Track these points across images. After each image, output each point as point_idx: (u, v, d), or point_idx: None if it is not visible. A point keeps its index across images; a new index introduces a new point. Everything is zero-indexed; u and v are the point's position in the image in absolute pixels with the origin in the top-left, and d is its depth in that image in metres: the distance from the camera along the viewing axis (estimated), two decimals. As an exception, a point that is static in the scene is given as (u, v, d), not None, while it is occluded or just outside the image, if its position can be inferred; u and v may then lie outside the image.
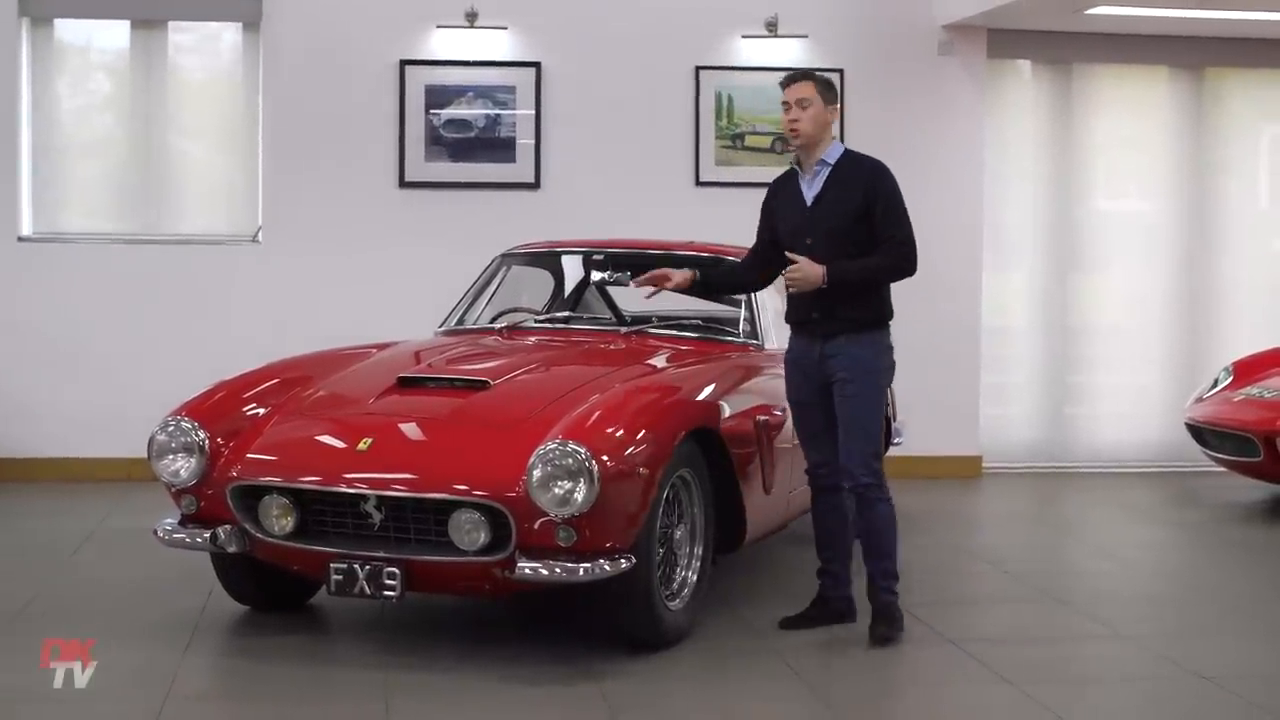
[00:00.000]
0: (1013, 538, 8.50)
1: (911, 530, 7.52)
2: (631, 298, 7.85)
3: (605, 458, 5.32)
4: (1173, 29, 10.46)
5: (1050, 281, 10.79)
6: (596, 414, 5.56)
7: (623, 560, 5.41)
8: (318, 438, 5.87)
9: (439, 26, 9.83)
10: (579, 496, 5.28)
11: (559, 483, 5.29)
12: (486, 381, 6.01)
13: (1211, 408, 9.45)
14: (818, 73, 6.14)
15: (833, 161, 6.04)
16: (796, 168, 6.13)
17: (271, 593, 6.29)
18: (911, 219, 6.00)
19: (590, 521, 5.32)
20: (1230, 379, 9.68)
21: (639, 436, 5.52)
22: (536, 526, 5.35)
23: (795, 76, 6.09)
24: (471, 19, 9.80)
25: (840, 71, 10.09)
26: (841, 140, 9.90)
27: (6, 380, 9.65)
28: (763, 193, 9.83)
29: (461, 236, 9.82)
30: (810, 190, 6.03)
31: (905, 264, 5.94)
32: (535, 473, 5.31)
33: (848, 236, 5.91)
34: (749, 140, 10.13)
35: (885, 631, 5.93)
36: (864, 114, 10.04)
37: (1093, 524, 8.94)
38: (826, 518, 6.21)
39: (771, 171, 9.99)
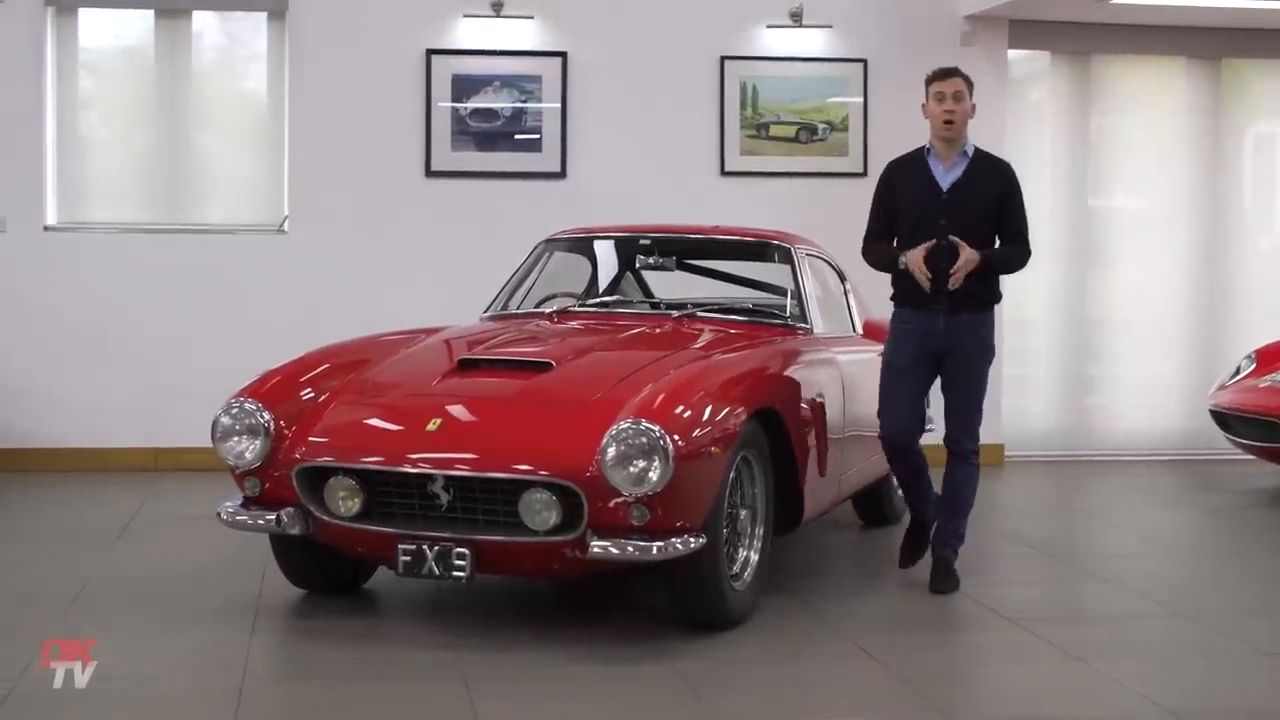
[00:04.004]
0: (1047, 523, 8.53)
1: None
2: (670, 283, 7.89)
3: (677, 437, 5.32)
4: (1191, 20, 10.52)
5: (1070, 273, 10.84)
6: (666, 393, 5.57)
7: (694, 539, 5.42)
8: (384, 419, 5.87)
9: (465, 16, 9.84)
10: (654, 475, 5.28)
11: (634, 461, 5.30)
12: (549, 363, 6.01)
13: (1236, 395, 9.50)
14: (964, 72, 6.55)
15: (971, 154, 6.49)
16: (927, 154, 6.50)
17: (329, 576, 6.28)
18: None
19: (663, 500, 5.33)
20: (1254, 366, 9.73)
21: (710, 416, 5.53)
22: (610, 506, 5.36)
23: (950, 72, 6.51)
24: (497, 8, 9.80)
25: (864, 62, 10.21)
26: (865, 129, 10.19)
27: (32, 370, 9.62)
28: (787, 183, 10.14)
29: (487, 226, 9.85)
30: (948, 176, 6.45)
31: (1026, 258, 6.57)
32: (610, 451, 5.31)
33: (980, 223, 6.40)
34: (774, 130, 10.16)
35: (942, 585, 6.45)
36: (887, 104, 10.09)
37: (1122, 509, 8.99)
38: (912, 469, 6.63)
39: (797, 161, 10.19)
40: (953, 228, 6.34)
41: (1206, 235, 11.02)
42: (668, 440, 5.29)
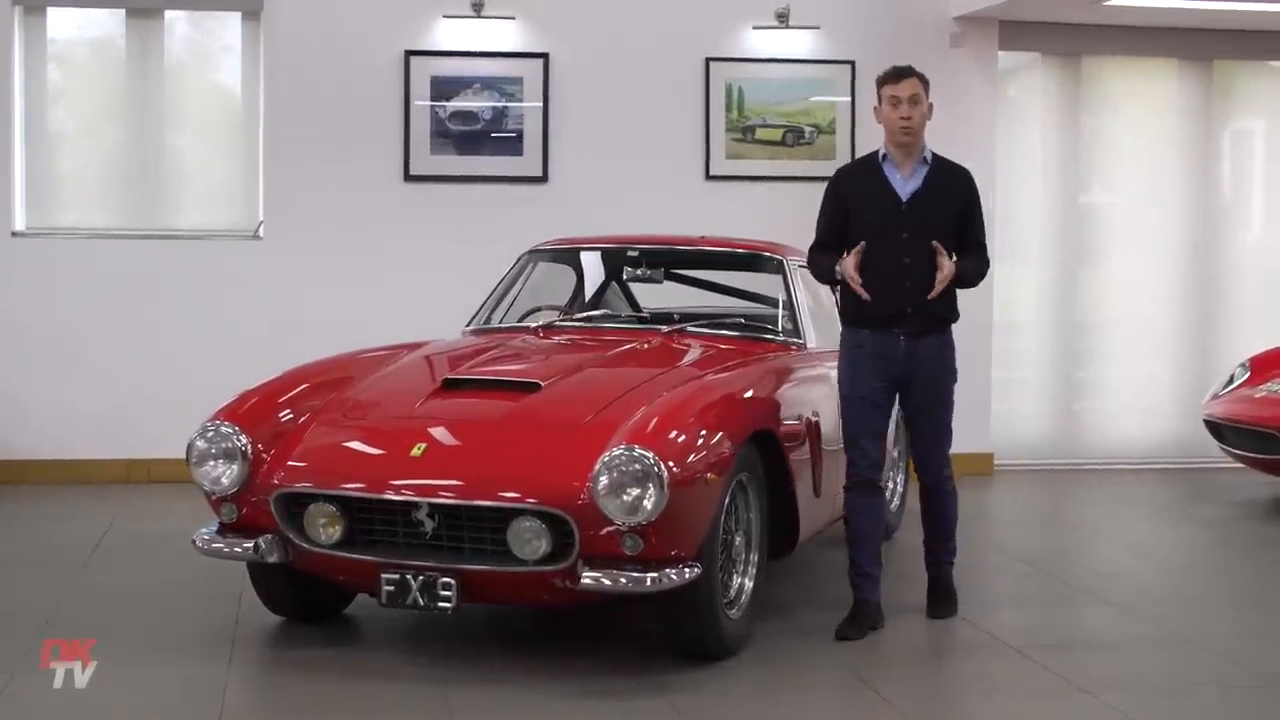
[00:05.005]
0: (1042, 538, 8.35)
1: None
2: (657, 293, 7.69)
3: (672, 463, 5.13)
4: (1182, 21, 10.37)
5: (1060, 275, 10.67)
6: (659, 417, 5.37)
7: (689, 569, 5.23)
8: (365, 443, 5.67)
9: (445, 16, 9.60)
10: (649, 504, 5.09)
11: (627, 490, 5.10)
12: (537, 383, 5.80)
13: (1232, 405, 9.34)
14: (918, 70, 6.12)
15: (930, 161, 6.06)
16: (882, 161, 6.06)
17: (308, 603, 6.07)
18: None
19: (657, 529, 5.14)
20: (1248, 375, 9.57)
21: (705, 440, 5.35)
22: (602, 535, 5.17)
23: (903, 72, 6.05)
24: (478, 9, 9.57)
25: (852, 63, 10.01)
26: (852, 132, 9.99)
27: (0, 380, 9.36)
28: (773, 187, 9.91)
29: (468, 231, 9.65)
30: (907, 185, 6.00)
31: (986, 270, 6.16)
32: (602, 479, 5.12)
33: (943, 235, 5.92)
34: (760, 133, 9.96)
35: (942, 610, 6.24)
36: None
37: (1117, 522, 8.81)
38: (868, 519, 6.10)
39: (783, 165, 9.99)
40: (915, 241, 5.90)
41: (1197, 236, 10.87)
42: (662, 467, 5.10)
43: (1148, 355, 10.88)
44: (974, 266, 6.02)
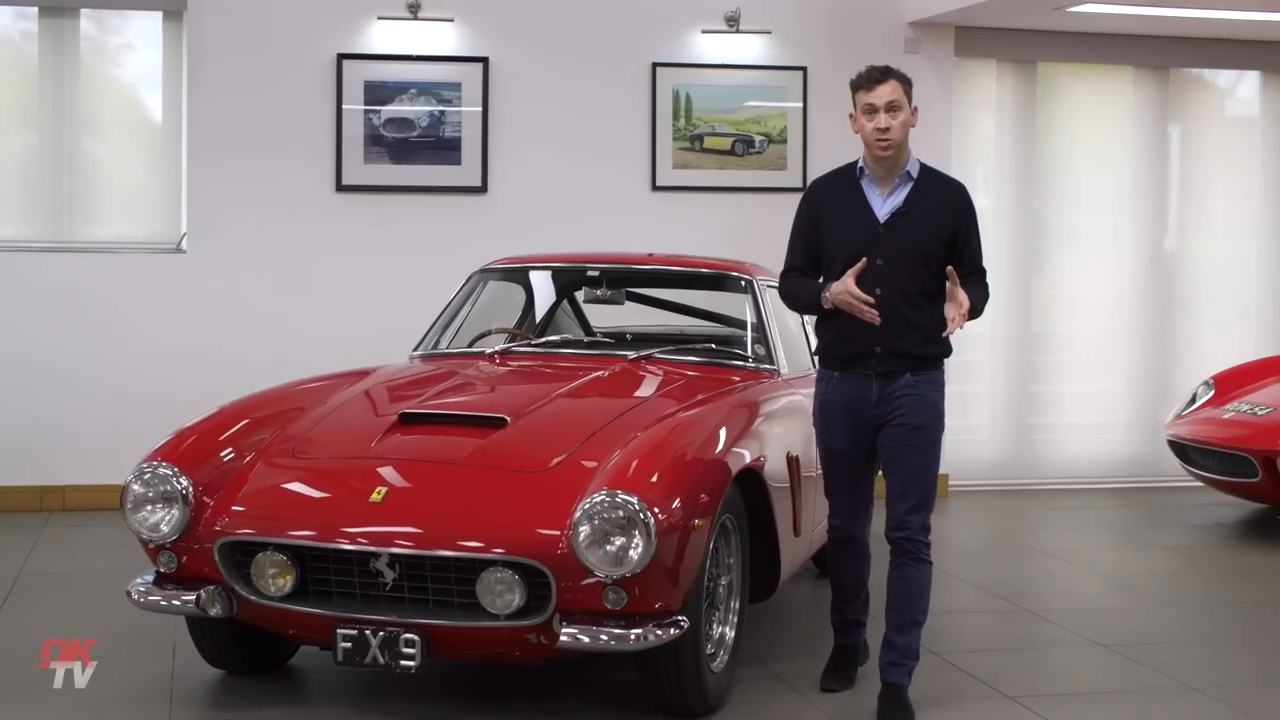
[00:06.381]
0: (1014, 569, 7.95)
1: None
2: (606, 315, 7.26)
3: (658, 509, 4.71)
4: (1139, 28, 10.12)
5: (1014, 285, 10.33)
6: (640, 459, 4.95)
7: (674, 626, 4.81)
8: (318, 486, 5.20)
9: (379, 18, 9.12)
10: (634, 554, 4.67)
11: (611, 539, 4.68)
12: (503, 418, 5.35)
13: (1199, 426, 9.05)
14: (897, 68, 5.26)
15: (916, 175, 5.24)
16: (860, 175, 5.29)
17: (250, 655, 5.59)
18: None
19: (642, 581, 4.72)
20: (1211, 393, 9.31)
21: (691, 483, 4.93)
22: (581, 587, 4.74)
23: (880, 76, 5.18)
24: (414, 10, 9.11)
25: (804, 69, 9.65)
26: (804, 141, 9.62)
27: (-98, 402, 8.78)
28: (722, 198, 9.51)
29: (403, 244, 9.22)
30: (886, 204, 5.21)
31: (987, 300, 5.32)
32: (583, 528, 4.69)
33: (927, 263, 5.13)
34: (709, 142, 9.56)
35: (898, 717, 5.19)
36: (828, 113, 9.51)
37: (1087, 550, 8.42)
38: (850, 568, 5.58)
39: (732, 176, 9.60)
40: (889, 270, 5.12)
41: (1153, 246, 10.65)
42: (648, 514, 4.68)
43: (1103, 369, 10.63)
44: (975, 296, 5.14)
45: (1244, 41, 10.44)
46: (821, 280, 5.27)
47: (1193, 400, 9.42)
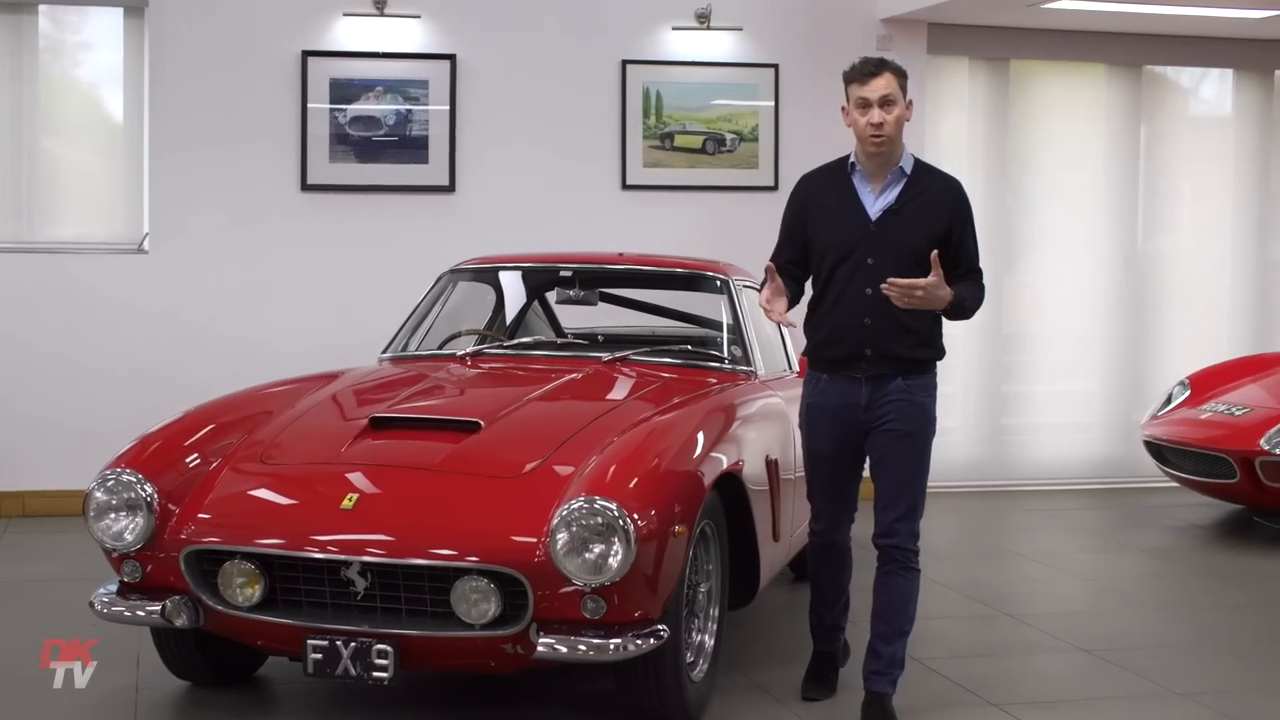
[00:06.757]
0: (992, 573, 7.86)
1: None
2: (576, 315, 7.14)
3: (637, 516, 4.58)
4: (1112, 25, 10.05)
5: (987, 284, 10.15)
6: (618, 464, 4.82)
7: (654, 635, 4.69)
8: (286, 492, 5.05)
9: (345, 14, 8.97)
10: (614, 562, 4.54)
11: (590, 546, 4.55)
12: (477, 423, 5.22)
13: (1175, 426, 8.97)
14: (892, 60, 5.10)
15: (910, 171, 5.11)
16: (852, 171, 5.15)
17: (217, 666, 5.45)
18: None
19: (621, 589, 4.59)
20: (1187, 394, 9.24)
21: (671, 488, 4.80)
22: (558, 596, 4.61)
23: (874, 69, 5.01)
24: (381, 6, 8.97)
25: (775, 66, 9.54)
26: (776, 139, 9.51)
27: None
28: (693, 197, 9.39)
29: (370, 244, 9.08)
30: (877, 202, 5.07)
31: (982, 299, 5.19)
32: (560, 535, 4.56)
33: (920, 263, 4.88)
34: (679, 140, 9.44)
35: None
36: (800, 110, 9.43)
37: (1065, 553, 8.34)
38: (831, 573, 5.45)
39: (703, 175, 9.48)
40: (880, 269, 4.95)
41: (1127, 245, 10.59)
42: (628, 520, 4.55)
43: (1077, 369, 10.56)
44: (969, 294, 5.05)
45: (1217, 39, 10.40)
46: (811, 279, 5.19)
47: (1168, 401, 9.35)
